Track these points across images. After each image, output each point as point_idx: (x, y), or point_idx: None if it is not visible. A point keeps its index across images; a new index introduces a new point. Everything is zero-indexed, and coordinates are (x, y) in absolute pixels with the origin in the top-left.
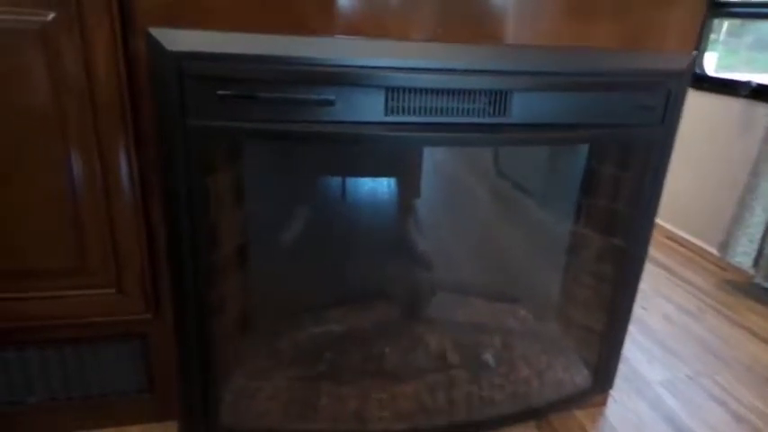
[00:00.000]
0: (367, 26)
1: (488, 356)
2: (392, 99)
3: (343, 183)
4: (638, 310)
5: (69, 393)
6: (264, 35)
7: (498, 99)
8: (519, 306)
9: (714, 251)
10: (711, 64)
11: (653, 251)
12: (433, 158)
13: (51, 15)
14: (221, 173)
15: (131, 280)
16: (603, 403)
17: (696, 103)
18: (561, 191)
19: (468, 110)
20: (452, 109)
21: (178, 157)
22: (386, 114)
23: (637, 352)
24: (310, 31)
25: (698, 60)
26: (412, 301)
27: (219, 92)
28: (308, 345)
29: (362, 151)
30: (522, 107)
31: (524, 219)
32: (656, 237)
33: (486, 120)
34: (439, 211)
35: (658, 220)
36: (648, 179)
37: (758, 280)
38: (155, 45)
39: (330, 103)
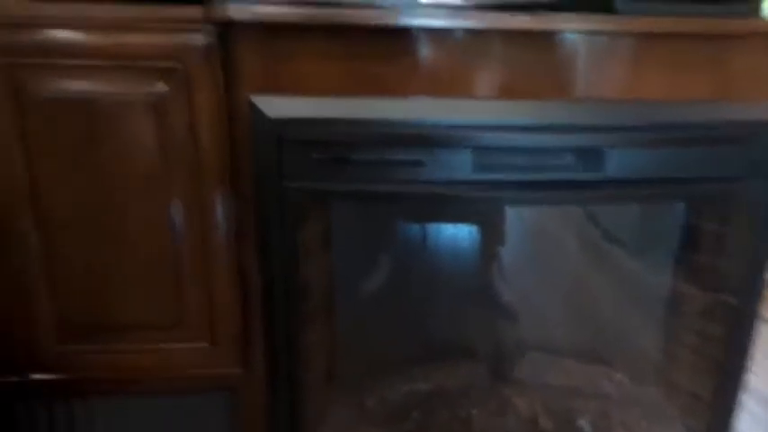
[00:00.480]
0: (454, 86)
1: (584, 423)
2: (480, 157)
3: (426, 230)
4: (750, 377)
5: None
6: (356, 99)
7: (591, 155)
8: (615, 368)
9: None
10: None
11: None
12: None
13: (162, 87)
14: (311, 226)
15: (224, 333)
16: None
17: None
18: (658, 242)
19: (559, 166)
20: (542, 166)
21: (274, 215)
22: (474, 172)
23: (751, 423)
24: (398, 93)
25: None
26: (499, 360)
27: (315, 155)
28: (394, 402)
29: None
30: (615, 162)
31: (618, 271)
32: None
33: (578, 176)
34: (525, 259)
35: None
36: (757, 234)
37: None
38: (256, 112)
39: (420, 163)
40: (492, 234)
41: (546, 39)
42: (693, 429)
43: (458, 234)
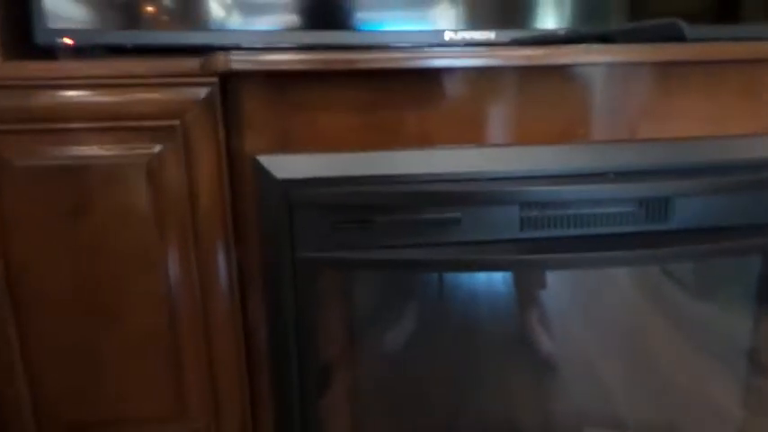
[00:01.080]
0: (491, 133)
1: None
2: (528, 211)
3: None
4: None
5: None
6: (377, 153)
7: (655, 204)
8: None
9: None
10: None
11: None
12: None
13: (158, 147)
14: (331, 306)
15: (232, 425)
16: None
17: None
18: (735, 291)
19: (619, 218)
20: (600, 218)
21: (286, 290)
22: (521, 230)
23: None
24: (427, 143)
25: None
26: None
27: (332, 220)
28: None
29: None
30: (685, 211)
31: (687, 320)
32: None
33: (641, 227)
34: (573, 307)
35: None
36: None
37: None
38: (263, 173)
39: (456, 221)
40: (530, 276)
41: (595, 73)
42: None
43: (490, 277)
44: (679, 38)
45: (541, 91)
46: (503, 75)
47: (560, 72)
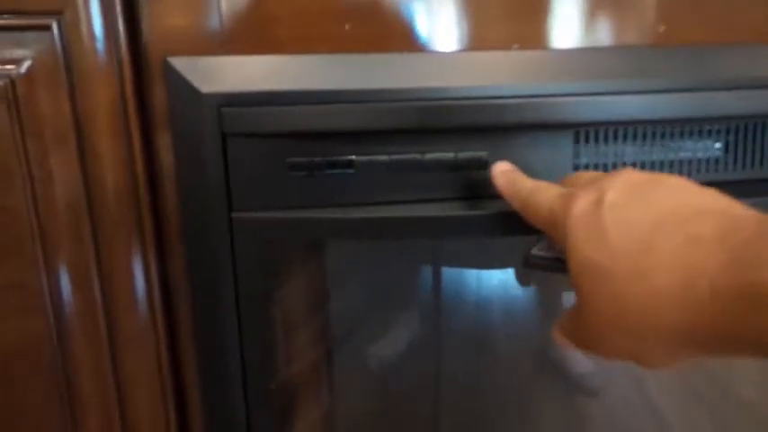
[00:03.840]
0: (528, 30)
1: None
2: (585, 148)
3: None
4: None
5: None
6: (358, 55)
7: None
8: None
9: None
10: None
11: None
12: None
13: (25, 63)
14: (291, 293)
15: None
16: None
17: None
18: None
19: (701, 160)
20: (678, 159)
21: (221, 275)
22: (575, 169)
23: None
24: (435, 44)
25: None
26: None
27: (288, 158)
28: None
29: None
30: None
31: None
32: None
33: (730, 176)
34: None
35: None
36: None
37: None
38: (178, 84)
39: (480, 164)
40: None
41: None
42: None
43: (507, 277)
44: None
45: None
46: None
47: None
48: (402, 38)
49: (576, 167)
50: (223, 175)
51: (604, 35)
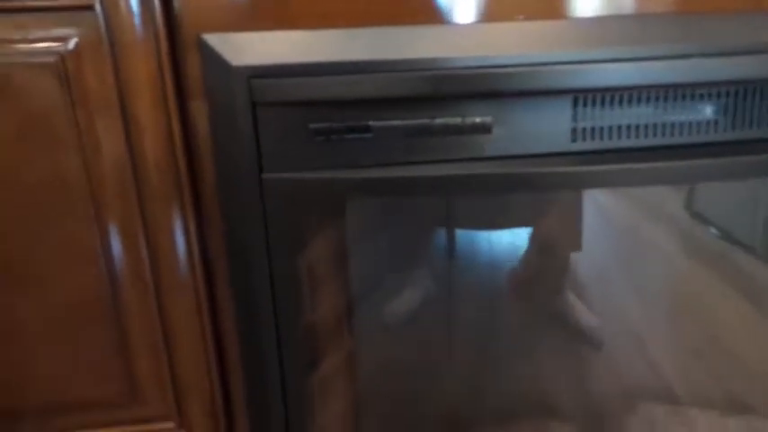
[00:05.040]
0: (528, 6)
1: None
2: (583, 113)
3: (474, 235)
4: None
5: None
6: (378, 30)
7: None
8: (757, 416)
9: None
10: None
11: None
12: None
13: (72, 41)
14: (317, 248)
15: (197, 410)
16: None
17: None
18: None
19: (698, 125)
20: (677, 125)
21: (253, 229)
22: (573, 141)
23: None
24: (445, 19)
25: None
26: (595, 419)
27: (313, 125)
28: None
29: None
30: None
31: (740, 282)
32: None
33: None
34: (614, 270)
35: None
36: None
37: None
38: (212, 58)
39: (485, 128)
40: (564, 234)
41: None
42: None
43: (517, 236)
44: None
45: None
46: None
47: None
48: (413, 12)
49: (574, 131)
50: (253, 140)
51: (606, 3)
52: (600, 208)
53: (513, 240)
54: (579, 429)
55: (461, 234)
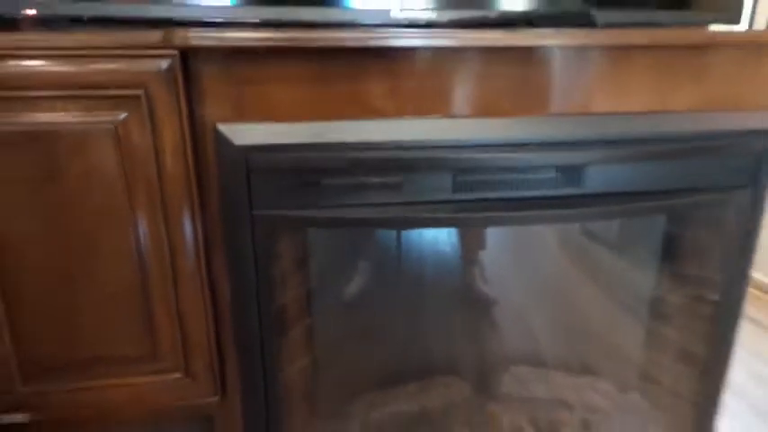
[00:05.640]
0: (431, 105)
1: None
2: (460, 176)
3: (404, 237)
4: (740, 379)
5: None
6: (327, 123)
7: (571, 171)
8: (601, 378)
9: None
10: None
11: (761, 315)
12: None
13: (123, 116)
14: (287, 257)
15: (199, 364)
16: None
17: None
18: (642, 246)
19: (539, 183)
20: (523, 182)
21: (245, 244)
22: (454, 192)
23: (737, 426)
24: (372, 115)
25: None
26: (483, 375)
27: (285, 182)
28: (375, 427)
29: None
30: (596, 177)
31: (603, 277)
32: (752, 292)
33: (558, 191)
34: (507, 266)
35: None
36: (739, 242)
37: None
38: (222, 140)
39: (397, 186)
40: (472, 238)
41: (523, 55)
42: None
43: (437, 238)
44: (591, 24)
45: (484, 69)
46: (443, 54)
47: (499, 53)
48: (354, 109)
49: (455, 186)
50: (247, 189)
51: (474, 110)
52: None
53: (434, 235)
54: (469, 382)
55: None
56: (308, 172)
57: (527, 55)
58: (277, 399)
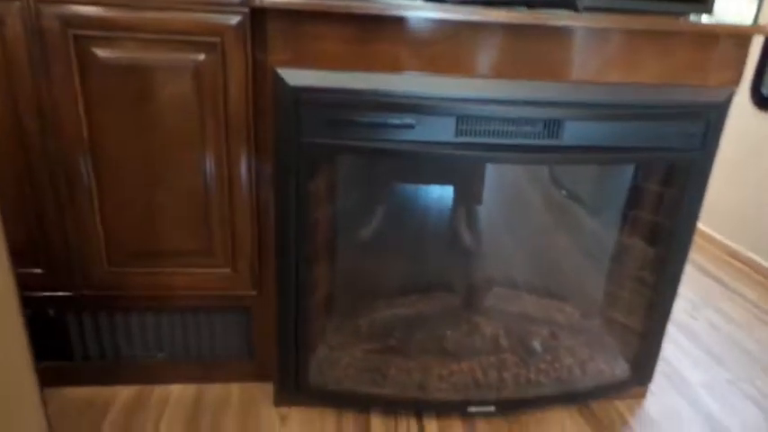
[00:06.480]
0: (443, 66)
1: (536, 344)
2: (462, 124)
3: (416, 190)
4: (687, 318)
5: (188, 352)
6: (361, 72)
7: (552, 125)
8: (566, 303)
9: None
10: None
11: (708, 264)
12: (495, 170)
13: (202, 57)
14: (321, 180)
15: (243, 262)
16: (642, 396)
17: (759, 123)
18: (610, 202)
19: (526, 133)
20: (512, 132)
21: (291, 165)
22: (456, 136)
23: (681, 356)
24: (397, 70)
25: (765, 81)
26: (470, 293)
27: (326, 117)
28: (380, 324)
29: (434, 163)
30: (572, 132)
31: (575, 224)
32: (712, 250)
33: (541, 142)
34: (498, 214)
35: (716, 234)
36: (688, 195)
37: None
38: (279, 80)
39: (410, 126)
40: (471, 195)
41: (525, 31)
42: (627, 355)
43: (443, 195)
44: (573, 7)
45: (489, 40)
46: (454, 25)
47: (503, 28)
48: (383, 63)
49: (457, 130)
50: (296, 120)
51: (472, 70)
52: (495, 177)
53: (440, 192)
54: (459, 296)
55: (406, 188)
56: (343, 110)
57: (528, 31)
58: (305, 296)
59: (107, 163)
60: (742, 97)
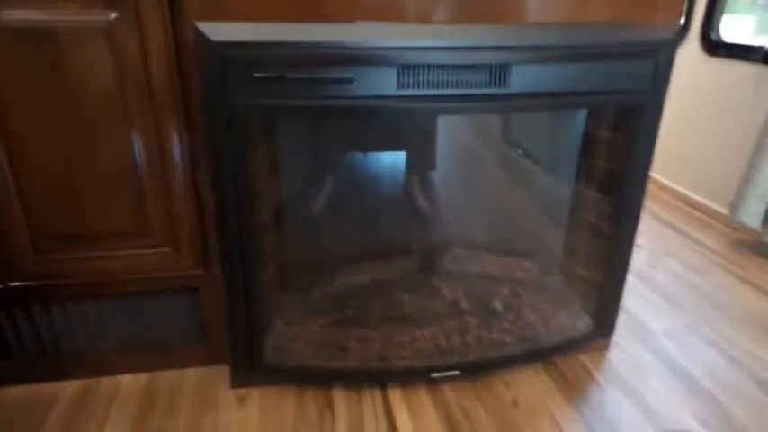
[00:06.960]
0: (381, 11)
1: (497, 304)
2: (403, 75)
3: (368, 158)
4: (647, 268)
5: (135, 340)
6: (291, 24)
7: (498, 72)
8: (526, 260)
9: (726, 213)
10: (746, 29)
11: (666, 214)
12: (448, 133)
13: (114, 15)
14: (259, 148)
15: (184, 239)
16: (606, 348)
17: (710, 69)
18: (564, 155)
19: (471, 82)
20: (457, 82)
21: (222, 131)
22: (398, 89)
23: (642, 305)
24: (332, 18)
25: (714, 26)
26: (428, 255)
27: (255, 74)
28: (336, 295)
29: (383, 125)
30: (520, 78)
31: (531, 181)
32: (670, 200)
33: (488, 90)
34: (452, 175)
35: (673, 184)
36: (641, 140)
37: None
38: (200, 36)
39: (349, 80)
40: (424, 161)
41: None
42: (589, 308)
43: (395, 161)
44: None
45: None
46: None
47: None
48: (319, 13)
49: (399, 83)
50: (221, 81)
51: (409, 15)
52: (448, 141)
53: (393, 158)
54: (417, 260)
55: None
56: (275, 66)
57: None
58: (253, 271)
59: (18, 144)
60: (692, 45)
